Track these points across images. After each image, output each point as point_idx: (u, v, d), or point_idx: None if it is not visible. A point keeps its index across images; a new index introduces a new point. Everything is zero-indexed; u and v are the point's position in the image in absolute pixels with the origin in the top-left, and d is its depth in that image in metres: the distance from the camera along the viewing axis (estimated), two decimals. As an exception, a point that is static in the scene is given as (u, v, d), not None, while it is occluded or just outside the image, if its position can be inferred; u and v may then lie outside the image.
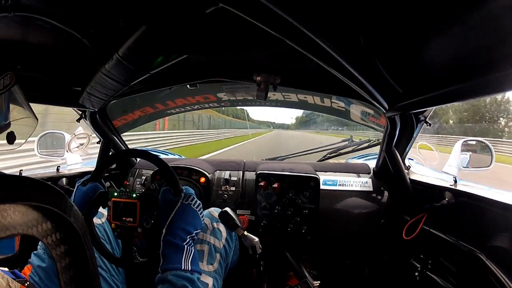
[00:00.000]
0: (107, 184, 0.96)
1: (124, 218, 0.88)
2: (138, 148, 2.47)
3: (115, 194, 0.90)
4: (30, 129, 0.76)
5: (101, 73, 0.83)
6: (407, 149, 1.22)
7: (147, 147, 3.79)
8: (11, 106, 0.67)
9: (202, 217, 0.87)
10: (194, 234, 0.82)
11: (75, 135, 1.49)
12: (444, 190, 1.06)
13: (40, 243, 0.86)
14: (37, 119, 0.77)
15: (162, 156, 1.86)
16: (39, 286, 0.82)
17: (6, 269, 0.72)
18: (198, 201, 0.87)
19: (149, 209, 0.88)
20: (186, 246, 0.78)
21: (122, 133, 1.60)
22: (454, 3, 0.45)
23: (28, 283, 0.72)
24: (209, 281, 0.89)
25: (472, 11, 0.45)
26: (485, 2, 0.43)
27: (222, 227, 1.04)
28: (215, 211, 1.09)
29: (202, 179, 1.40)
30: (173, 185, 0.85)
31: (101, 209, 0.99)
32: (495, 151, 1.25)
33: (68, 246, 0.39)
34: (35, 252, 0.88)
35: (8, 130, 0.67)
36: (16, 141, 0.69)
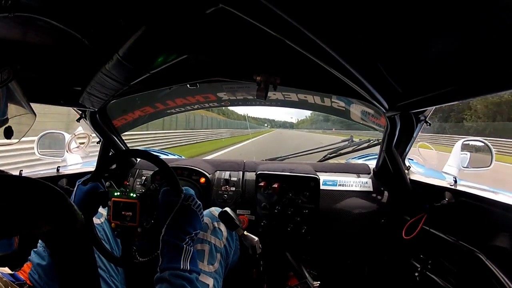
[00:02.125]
0: (107, 184, 0.96)
1: (124, 218, 0.88)
2: (138, 148, 2.47)
3: (115, 194, 0.90)
4: (27, 126, 0.75)
5: (101, 73, 0.83)
6: (407, 149, 1.22)
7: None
8: (9, 102, 0.66)
9: (201, 217, 0.87)
10: (193, 235, 0.82)
11: (75, 135, 1.49)
12: (444, 190, 1.06)
13: (40, 240, 0.86)
14: (35, 115, 0.76)
15: (162, 156, 1.86)
16: (38, 284, 0.82)
17: (6, 270, 0.72)
18: (198, 202, 0.87)
19: (149, 209, 0.88)
20: (185, 246, 0.78)
21: (122, 133, 1.60)
22: (454, 3, 0.45)
23: (27, 285, 0.72)
24: (210, 281, 0.88)
25: (472, 11, 0.45)
26: (485, 2, 0.43)
27: (223, 227, 1.04)
28: (216, 210, 1.09)
29: (202, 180, 1.40)
30: (173, 186, 0.85)
31: (100, 209, 0.99)
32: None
33: (68, 245, 0.39)
34: (35, 250, 0.88)
35: (6, 125, 0.66)
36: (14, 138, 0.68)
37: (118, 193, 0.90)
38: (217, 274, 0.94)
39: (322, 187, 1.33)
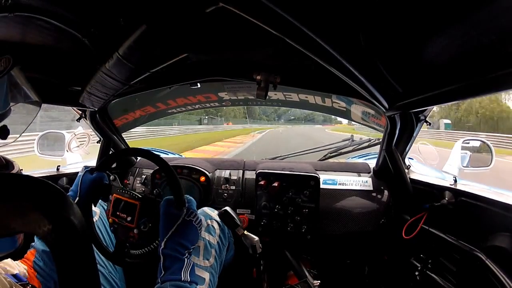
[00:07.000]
0: (112, 177, 0.96)
1: (122, 216, 0.88)
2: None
3: (118, 190, 0.90)
4: (33, 114, 0.73)
5: (101, 72, 0.83)
6: (407, 148, 1.22)
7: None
8: (11, 90, 0.63)
9: (200, 232, 0.89)
10: (191, 250, 0.84)
11: (75, 135, 1.49)
12: (444, 190, 1.06)
13: None
14: (40, 102, 0.73)
15: (162, 155, 1.86)
16: (44, 271, 0.83)
17: (9, 270, 0.73)
18: (200, 218, 0.88)
19: (148, 213, 0.88)
20: (185, 259, 0.80)
21: (123, 132, 1.60)
22: (454, 3, 0.45)
23: (30, 285, 0.72)
24: (206, 275, 0.90)
25: (472, 10, 0.45)
26: (485, 2, 0.43)
27: (215, 224, 1.06)
28: (209, 209, 1.12)
29: (202, 178, 1.40)
30: (176, 195, 0.84)
31: (93, 208, 0.99)
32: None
33: (68, 244, 0.39)
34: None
35: (1, 124, 0.62)
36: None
37: (121, 191, 0.90)
38: (213, 269, 0.95)
39: (322, 186, 1.33)
